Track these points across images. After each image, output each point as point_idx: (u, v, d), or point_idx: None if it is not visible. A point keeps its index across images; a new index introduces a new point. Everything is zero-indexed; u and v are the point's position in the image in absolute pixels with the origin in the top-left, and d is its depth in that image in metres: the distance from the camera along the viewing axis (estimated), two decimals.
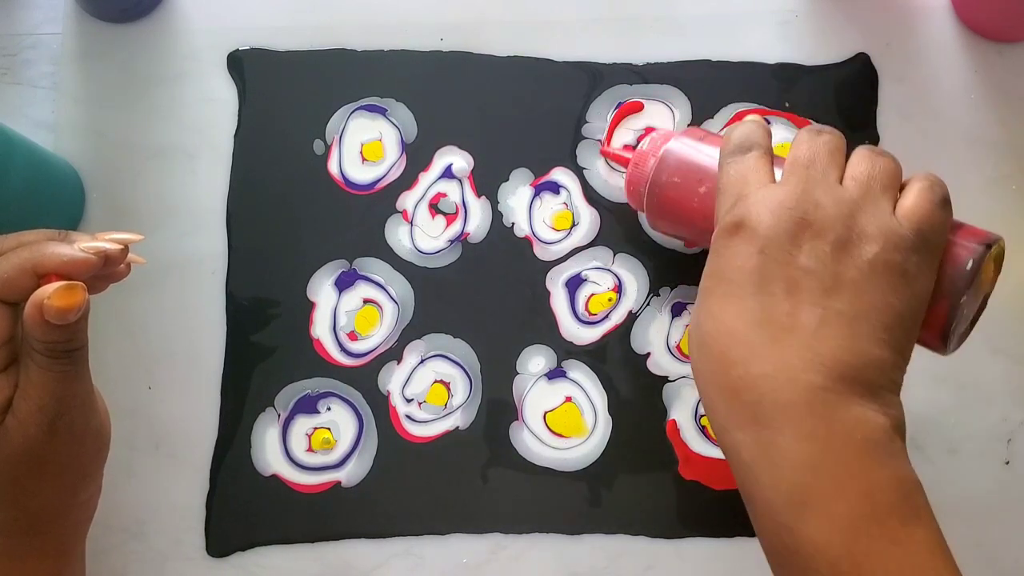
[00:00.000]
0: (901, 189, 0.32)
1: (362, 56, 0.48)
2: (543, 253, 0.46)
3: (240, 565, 0.43)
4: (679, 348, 0.44)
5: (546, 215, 0.46)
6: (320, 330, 0.45)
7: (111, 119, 0.48)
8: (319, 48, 0.49)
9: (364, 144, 0.47)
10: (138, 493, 0.44)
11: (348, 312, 0.46)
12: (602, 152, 0.46)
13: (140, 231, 0.35)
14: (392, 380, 0.45)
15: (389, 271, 0.46)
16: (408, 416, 0.44)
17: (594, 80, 0.47)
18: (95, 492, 0.36)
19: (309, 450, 0.44)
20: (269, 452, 0.44)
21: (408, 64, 0.48)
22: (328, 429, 0.44)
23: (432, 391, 0.45)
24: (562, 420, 0.44)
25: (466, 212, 0.46)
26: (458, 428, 0.44)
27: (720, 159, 0.35)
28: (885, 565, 0.27)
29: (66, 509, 0.35)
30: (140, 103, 0.48)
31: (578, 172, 0.47)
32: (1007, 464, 0.43)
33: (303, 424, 0.44)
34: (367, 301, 0.46)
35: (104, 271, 0.33)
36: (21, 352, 0.32)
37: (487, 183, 0.47)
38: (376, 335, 0.45)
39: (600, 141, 0.46)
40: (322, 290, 0.46)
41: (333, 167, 0.47)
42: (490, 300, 0.45)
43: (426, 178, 0.47)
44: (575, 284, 0.45)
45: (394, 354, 0.45)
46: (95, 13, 0.49)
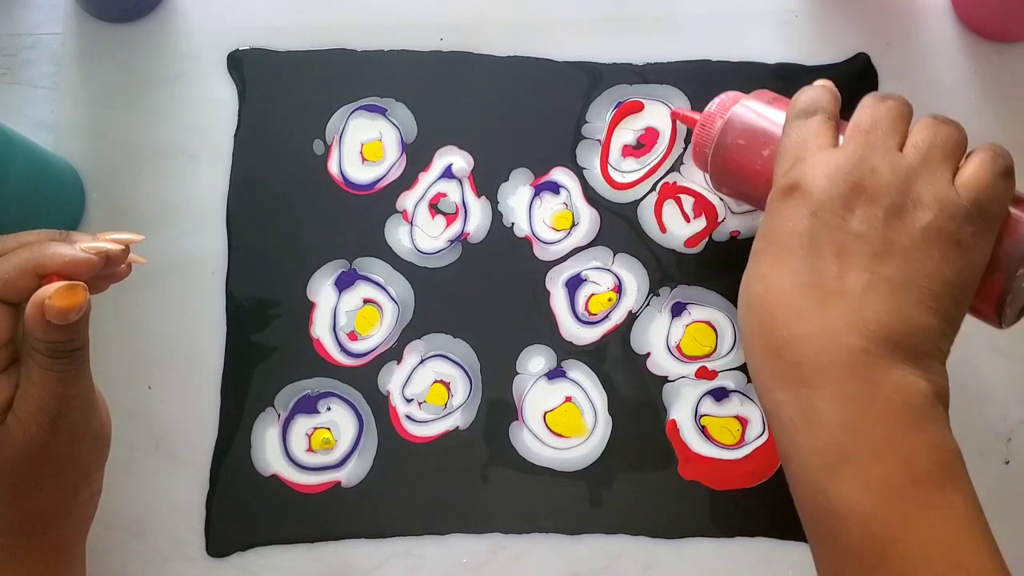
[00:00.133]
0: (966, 159, 0.32)
1: (362, 56, 0.48)
2: (543, 253, 0.46)
3: (240, 565, 0.43)
4: (679, 348, 0.44)
5: (546, 215, 0.46)
6: (320, 330, 0.45)
7: (111, 119, 0.48)
8: (319, 48, 0.49)
9: (364, 144, 0.47)
10: (138, 493, 0.44)
11: (348, 312, 0.46)
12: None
13: (140, 231, 0.35)
14: (392, 380, 0.45)
15: (389, 271, 0.46)
16: (408, 416, 0.44)
17: (594, 80, 0.47)
18: (95, 492, 0.36)
19: (309, 450, 0.44)
20: (269, 452, 0.44)
21: (408, 64, 0.48)
22: (328, 429, 0.44)
23: (432, 391, 0.45)
24: (562, 420, 0.44)
25: (466, 212, 0.46)
26: (458, 428, 0.44)
27: (785, 122, 0.35)
28: (919, 529, 0.27)
29: (66, 509, 0.35)
30: (140, 103, 0.48)
31: (578, 172, 0.47)
32: (1007, 464, 0.43)
33: (303, 424, 0.44)
34: (367, 301, 0.46)
35: (105, 271, 0.33)
36: (22, 352, 0.32)
37: (487, 183, 0.47)
38: (376, 335, 0.45)
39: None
40: (322, 290, 0.46)
41: (333, 167, 0.47)
42: (490, 300, 0.45)
43: (426, 178, 0.47)
44: (575, 284, 0.45)
45: (394, 354, 0.45)
46: (95, 13, 0.49)
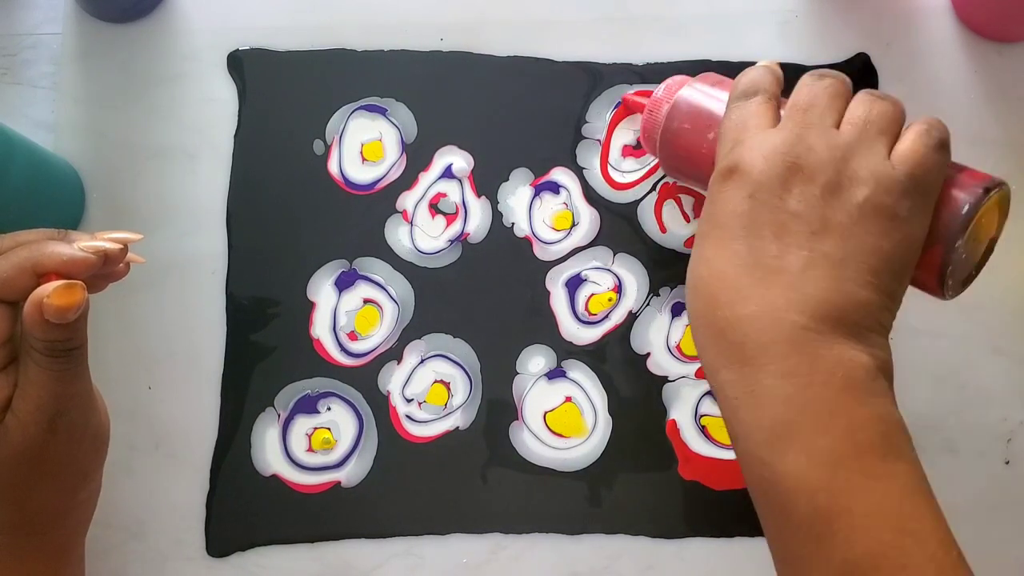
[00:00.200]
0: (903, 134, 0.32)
1: (362, 56, 0.48)
2: (543, 253, 0.46)
3: (240, 565, 0.43)
4: (679, 348, 0.44)
5: (546, 215, 0.46)
6: (320, 330, 0.45)
7: (111, 119, 0.48)
8: (319, 48, 0.49)
9: (364, 144, 0.47)
10: (138, 493, 0.44)
11: (348, 312, 0.46)
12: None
13: (140, 231, 0.35)
14: (392, 380, 0.45)
15: (389, 271, 0.46)
16: (408, 416, 0.44)
17: (594, 80, 0.47)
18: (94, 491, 0.36)
19: (309, 450, 0.44)
20: (269, 452, 0.44)
21: (408, 64, 0.48)
22: (328, 429, 0.44)
23: (432, 391, 0.45)
24: (562, 420, 0.44)
25: (466, 212, 0.46)
26: (458, 428, 0.44)
27: (726, 105, 0.35)
28: (863, 498, 0.27)
29: (65, 508, 0.35)
30: (140, 103, 0.48)
31: (578, 172, 0.47)
32: (1007, 464, 0.43)
33: (303, 424, 0.44)
34: (367, 301, 0.46)
35: (104, 270, 0.33)
36: (20, 351, 0.32)
37: (487, 183, 0.47)
38: (376, 335, 0.45)
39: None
40: (322, 290, 0.46)
41: (333, 167, 0.47)
42: (490, 300, 0.45)
43: (426, 178, 0.47)
44: (575, 284, 0.45)
45: (394, 354, 0.45)
46: (95, 13, 0.49)
